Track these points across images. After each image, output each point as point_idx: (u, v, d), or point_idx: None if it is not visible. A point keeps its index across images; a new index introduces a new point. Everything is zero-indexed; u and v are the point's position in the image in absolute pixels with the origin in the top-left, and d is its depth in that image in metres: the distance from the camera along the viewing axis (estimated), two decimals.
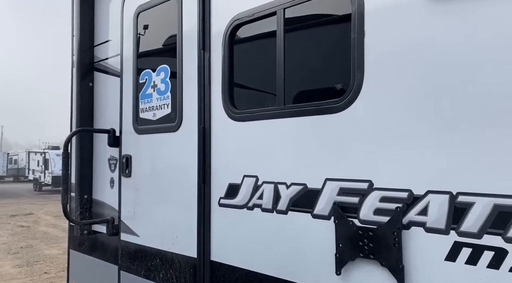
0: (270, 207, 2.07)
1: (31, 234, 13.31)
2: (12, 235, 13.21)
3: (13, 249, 11.23)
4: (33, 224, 15.36)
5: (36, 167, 32.04)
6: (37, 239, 12.56)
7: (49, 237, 12.75)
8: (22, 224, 15.44)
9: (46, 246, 11.64)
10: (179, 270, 2.56)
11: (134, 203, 2.93)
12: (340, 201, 1.77)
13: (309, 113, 1.91)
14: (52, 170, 29.62)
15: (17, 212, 18.85)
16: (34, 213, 18.67)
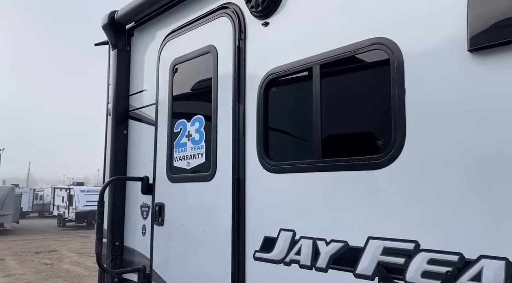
0: (308, 264, 2.02)
1: (55, 273, 13.33)
2: (37, 273, 13.26)
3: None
4: (57, 262, 15.42)
5: (60, 203, 32.56)
6: (61, 277, 12.57)
7: (72, 276, 12.74)
8: (46, 261, 15.51)
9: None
10: None
11: (166, 252, 2.91)
12: (385, 261, 1.71)
13: (348, 168, 1.89)
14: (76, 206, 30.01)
15: (41, 248, 19.01)
16: (58, 249, 18.78)
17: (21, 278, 12.55)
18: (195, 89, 2.90)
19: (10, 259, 16.19)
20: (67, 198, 31.43)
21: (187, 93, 2.96)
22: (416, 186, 1.67)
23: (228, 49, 2.59)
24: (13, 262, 15.33)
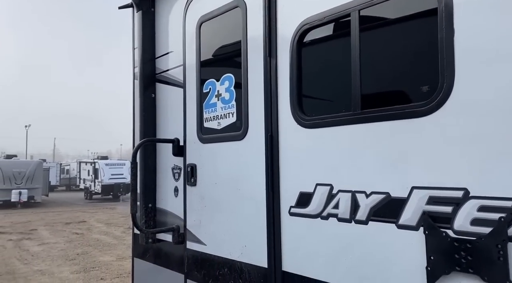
0: (347, 217, 2.00)
1: (85, 241, 13.84)
2: (68, 242, 13.80)
3: (70, 255, 11.71)
4: (87, 232, 15.99)
5: (86, 176, 33.49)
6: (91, 246, 13.05)
7: (102, 244, 13.21)
8: (76, 231, 16.11)
9: (100, 253, 12.04)
10: (249, 280, 2.52)
11: (200, 212, 2.94)
12: (430, 211, 1.67)
13: (390, 117, 1.82)
14: (102, 179, 30.82)
15: (71, 220, 19.73)
16: (86, 220, 19.46)
17: (54, 246, 13.09)
18: (224, 47, 2.83)
19: (42, 229, 16.88)
20: (92, 171, 32.27)
21: (215, 51, 2.90)
22: (466, 132, 1.59)
23: (258, 1, 2.50)
24: (46, 232, 15.97)
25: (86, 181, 33.38)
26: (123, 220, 19.28)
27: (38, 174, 26.15)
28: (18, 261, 10.89)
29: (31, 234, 15.46)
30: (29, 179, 25.40)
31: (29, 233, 15.67)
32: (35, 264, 10.56)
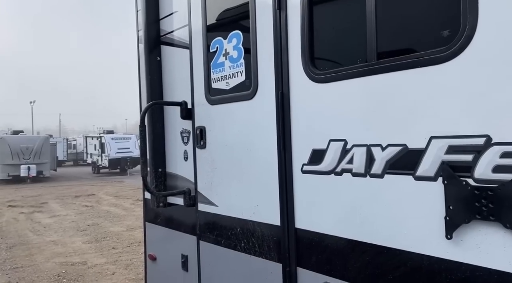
0: (362, 171, 1.96)
1: (96, 213, 14.07)
2: (79, 214, 14.04)
3: (81, 226, 11.93)
4: (96, 204, 16.24)
5: (93, 151, 33.76)
6: (101, 217, 13.27)
7: (112, 216, 13.42)
8: (86, 204, 16.37)
9: (111, 224, 12.25)
10: (262, 238, 2.53)
11: (210, 174, 2.92)
12: (450, 160, 1.62)
13: (408, 66, 1.76)
14: (108, 154, 31.04)
15: (80, 193, 20.02)
16: (95, 194, 19.73)
17: (65, 218, 13.33)
18: (230, 2, 2.73)
19: (53, 202, 17.16)
20: (99, 146, 32.48)
21: (222, 6, 2.80)
22: (488, 76, 1.53)
23: None
24: (56, 205, 16.24)
25: (93, 156, 33.67)
26: (132, 193, 19.53)
27: (45, 149, 26.38)
28: (31, 233, 11.12)
29: (42, 207, 15.74)
30: (37, 154, 25.64)
31: (40, 206, 15.96)
32: (48, 235, 10.78)
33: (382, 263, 1.88)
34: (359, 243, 1.98)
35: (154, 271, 3.66)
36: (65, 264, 8.07)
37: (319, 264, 2.19)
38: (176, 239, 3.33)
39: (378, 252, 1.89)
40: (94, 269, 7.77)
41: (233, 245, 2.73)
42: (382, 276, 1.88)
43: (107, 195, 19.13)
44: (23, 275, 7.46)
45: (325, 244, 2.16)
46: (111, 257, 8.52)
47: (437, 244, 1.66)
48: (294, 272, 2.32)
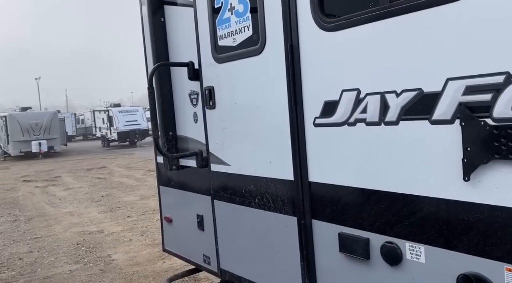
0: (376, 120, 1.93)
1: (108, 184, 14.31)
2: (92, 186, 14.29)
3: (95, 198, 12.17)
4: (108, 176, 16.50)
5: (102, 124, 33.95)
6: (114, 188, 13.50)
7: (124, 186, 13.65)
8: (98, 176, 16.63)
9: (124, 194, 12.47)
10: (276, 194, 2.54)
11: (221, 134, 2.91)
12: (467, 101, 1.59)
13: (422, 6, 1.69)
14: (117, 127, 31.21)
15: (91, 166, 20.30)
16: (107, 166, 20.00)
17: (79, 190, 13.59)
18: None
19: (66, 176, 17.46)
20: (107, 119, 32.62)
21: None
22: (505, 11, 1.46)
23: None
24: (69, 178, 16.53)
25: (102, 129, 33.91)
26: (142, 164, 19.77)
27: (54, 125, 26.58)
28: (47, 205, 11.39)
29: (55, 181, 16.04)
30: (47, 129, 25.87)
31: (53, 180, 16.26)
32: (63, 207, 11.04)
33: (398, 210, 1.88)
34: (374, 192, 1.98)
35: (171, 232, 3.74)
36: (82, 233, 8.29)
37: (334, 215, 2.21)
38: (191, 200, 3.37)
39: (394, 200, 1.90)
40: (111, 237, 7.98)
41: (247, 202, 2.76)
42: (398, 222, 1.89)
43: (118, 167, 19.39)
44: (43, 244, 7.70)
45: (339, 196, 2.17)
46: (127, 225, 8.72)
47: (454, 187, 1.65)
48: (309, 224, 2.35)
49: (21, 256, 7.07)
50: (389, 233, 1.93)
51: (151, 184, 13.50)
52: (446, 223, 1.70)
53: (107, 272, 6.12)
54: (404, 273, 1.88)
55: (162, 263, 6.32)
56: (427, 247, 1.78)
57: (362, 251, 2.04)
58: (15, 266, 6.58)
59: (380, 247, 1.96)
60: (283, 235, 2.52)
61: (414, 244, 1.83)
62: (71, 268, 6.34)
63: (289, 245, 2.48)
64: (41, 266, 6.53)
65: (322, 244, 2.30)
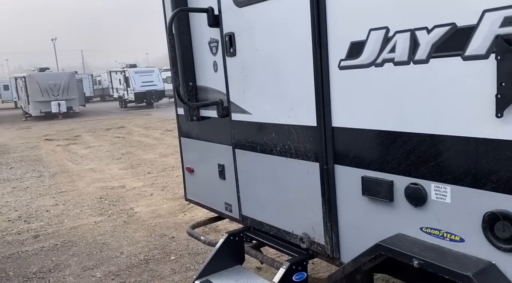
0: (405, 59, 1.87)
1: (128, 143, 14.57)
2: (112, 144, 14.58)
3: (116, 155, 12.44)
4: (127, 135, 16.77)
5: (118, 85, 34.13)
6: (134, 146, 13.75)
7: (143, 145, 13.88)
8: (117, 135, 16.92)
9: (143, 152, 12.70)
10: (298, 140, 2.54)
11: (242, 82, 2.88)
12: (505, 33, 1.51)
13: None
14: (134, 87, 31.33)
15: (110, 126, 20.62)
16: (125, 126, 20.29)
17: (100, 149, 13.89)
18: None
19: (86, 135, 17.81)
20: (123, 80, 32.73)
21: None
22: None
23: None
24: (89, 137, 16.87)
25: (119, 90, 34.12)
26: (160, 124, 19.99)
27: (72, 85, 26.85)
28: (70, 162, 11.72)
29: (76, 139, 16.41)
30: (65, 90, 26.17)
31: (74, 139, 16.63)
32: (85, 164, 11.34)
33: (425, 151, 1.86)
34: (400, 134, 1.95)
35: (193, 182, 3.81)
36: (105, 188, 8.55)
37: (357, 159, 2.20)
38: (212, 150, 3.40)
39: (421, 141, 1.87)
40: (132, 191, 8.21)
41: (269, 150, 2.77)
42: (424, 164, 1.87)
43: (136, 127, 19.65)
44: (68, 198, 7.99)
45: (363, 140, 2.15)
46: (148, 181, 8.94)
47: (486, 124, 1.61)
48: (331, 170, 2.35)
49: (48, 208, 7.37)
50: (414, 174, 1.92)
51: (170, 143, 13.70)
52: (474, 162, 1.68)
53: (130, 223, 6.35)
54: (428, 214, 1.89)
55: (183, 216, 6.52)
56: (453, 187, 1.76)
57: (385, 193, 2.04)
58: (43, 217, 6.88)
59: (404, 189, 1.96)
60: (305, 181, 2.54)
61: (440, 185, 1.81)
62: (95, 220, 6.59)
63: (310, 190, 2.50)
64: (67, 217, 6.81)
65: (344, 188, 2.31)
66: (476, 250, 1.72)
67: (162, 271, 4.68)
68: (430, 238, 1.89)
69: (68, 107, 26.30)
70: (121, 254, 5.22)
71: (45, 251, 5.43)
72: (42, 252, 5.42)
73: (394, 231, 2.05)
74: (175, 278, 4.48)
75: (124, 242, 5.58)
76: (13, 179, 9.81)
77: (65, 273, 4.77)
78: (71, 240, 5.77)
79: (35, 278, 4.69)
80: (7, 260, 5.22)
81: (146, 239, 5.66)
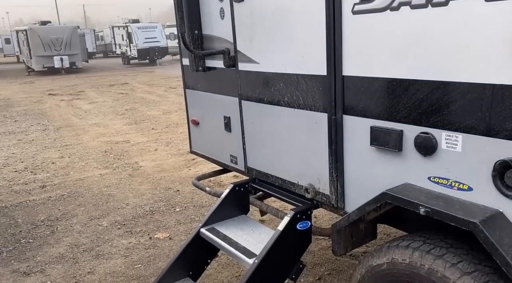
0: (423, 2, 1.78)
1: (131, 99, 14.51)
2: (115, 100, 14.52)
3: (119, 111, 12.42)
4: (131, 92, 16.67)
5: (121, 41, 33.50)
6: (137, 103, 13.70)
7: (147, 102, 13.83)
8: (121, 92, 16.82)
9: (147, 108, 12.67)
10: (306, 90, 2.49)
11: (250, 30, 2.79)
12: None
13: None
14: (136, 44, 30.77)
15: (113, 82, 20.47)
16: (128, 82, 20.13)
17: (103, 104, 13.85)
18: None
19: (89, 90, 17.71)
20: (126, 36, 32.10)
21: None
22: None
23: None
24: (93, 93, 16.79)
25: (122, 46, 33.55)
26: (163, 82, 19.81)
27: (75, 40, 26.39)
28: (74, 117, 11.73)
29: (80, 95, 16.34)
30: (67, 45, 25.76)
31: (78, 94, 16.57)
32: (89, 118, 11.35)
33: (438, 99, 1.81)
34: (414, 82, 1.90)
35: (198, 135, 3.80)
36: (109, 143, 8.60)
37: (366, 109, 2.16)
38: (218, 102, 3.36)
39: (434, 88, 1.82)
40: (137, 146, 8.26)
41: (276, 100, 2.72)
42: (436, 112, 1.83)
43: (140, 83, 19.50)
44: (73, 151, 8.05)
45: (374, 89, 2.09)
46: (152, 137, 8.98)
47: (504, 70, 1.55)
48: (340, 120, 2.31)
49: (54, 160, 7.45)
50: (425, 123, 1.88)
51: (173, 100, 13.63)
52: (489, 110, 1.63)
53: (135, 176, 6.43)
54: (437, 163, 1.87)
55: (188, 171, 6.59)
56: (465, 135, 1.73)
57: (394, 143, 2.02)
58: (49, 169, 6.97)
59: (414, 138, 1.93)
60: (312, 132, 2.52)
61: (451, 133, 1.78)
62: (101, 172, 6.68)
63: (317, 141, 2.48)
64: (73, 170, 6.89)
65: (352, 139, 2.29)
66: (484, 198, 1.71)
67: (167, 221, 4.78)
68: (438, 187, 1.89)
69: (71, 63, 25.98)
70: (126, 205, 5.32)
71: (52, 201, 5.54)
72: (49, 201, 5.53)
73: (401, 182, 2.04)
74: (180, 229, 4.58)
75: (130, 194, 5.68)
76: (18, 132, 9.86)
77: (72, 222, 4.89)
78: (77, 191, 5.87)
79: (43, 226, 4.82)
80: (15, 208, 5.34)
81: (151, 191, 5.74)
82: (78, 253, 4.16)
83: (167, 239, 4.37)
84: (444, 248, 1.83)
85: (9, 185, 6.24)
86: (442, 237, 1.92)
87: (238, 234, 2.83)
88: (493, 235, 1.54)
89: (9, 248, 4.31)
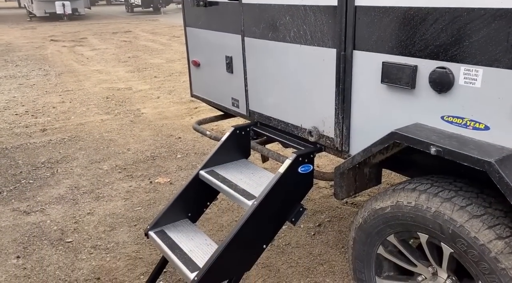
0: None
1: (134, 47, 14.16)
2: (118, 48, 14.17)
3: (122, 58, 12.14)
4: (134, 40, 16.24)
5: None
6: (140, 51, 13.37)
7: (150, 50, 13.49)
8: (124, 39, 16.39)
9: (150, 56, 12.38)
10: (314, 24, 2.30)
11: None
12: None
13: None
14: None
15: (117, 30, 19.91)
16: (132, 30, 19.58)
17: (106, 51, 13.54)
18: None
19: (92, 37, 17.28)
20: None
21: None
22: None
23: None
24: (95, 40, 16.38)
25: None
26: (167, 30, 19.25)
27: None
28: (76, 63, 11.49)
29: (82, 41, 15.95)
30: None
31: (80, 41, 16.17)
32: (91, 65, 11.12)
33: (459, 29, 1.64)
34: (433, 10, 1.72)
35: (199, 77, 3.64)
36: (111, 89, 8.45)
37: (379, 43, 1.98)
38: (219, 40, 3.17)
39: (455, 17, 1.64)
40: (139, 93, 8.11)
41: (281, 36, 2.54)
42: (455, 44, 1.66)
43: (143, 32, 18.97)
44: (74, 96, 7.93)
45: (389, 20, 1.91)
46: (154, 84, 8.80)
47: None
48: (350, 56, 2.15)
49: (55, 105, 7.35)
50: (442, 57, 1.72)
51: (177, 49, 13.28)
52: None
53: (137, 123, 6.34)
54: (452, 101, 1.73)
55: (190, 119, 6.48)
56: (486, 69, 1.58)
57: (407, 80, 1.86)
58: (50, 113, 6.88)
59: (429, 74, 1.78)
60: (319, 70, 2.36)
61: (470, 67, 1.63)
62: (102, 118, 6.59)
63: (324, 80, 2.33)
64: (74, 114, 6.80)
65: (361, 76, 2.13)
66: (501, 138, 1.59)
67: (168, 167, 4.74)
68: (451, 127, 1.76)
69: (73, 9, 25.18)
70: (127, 150, 5.26)
71: (52, 144, 5.49)
72: (49, 144, 5.48)
73: (411, 122, 1.92)
74: (181, 174, 4.54)
75: (131, 140, 5.61)
76: (19, 76, 9.70)
77: (73, 165, 4.86)
78: (78, 135, 5.81)
79: (43, 167, 4.79)
80: (16, 150, 5.31)
81: (153, 138, 5.67)
82: (78, 195, 4.15)
83: (168, 184, 4.34)
84: (453, 191, 1.73)
85: (9, 127, 6.19)
86: (451, 180, 1.82)
87: (237, 177, 2.75)
88: (509, 175, 1.43)
89: (10, 188, 4.31)
